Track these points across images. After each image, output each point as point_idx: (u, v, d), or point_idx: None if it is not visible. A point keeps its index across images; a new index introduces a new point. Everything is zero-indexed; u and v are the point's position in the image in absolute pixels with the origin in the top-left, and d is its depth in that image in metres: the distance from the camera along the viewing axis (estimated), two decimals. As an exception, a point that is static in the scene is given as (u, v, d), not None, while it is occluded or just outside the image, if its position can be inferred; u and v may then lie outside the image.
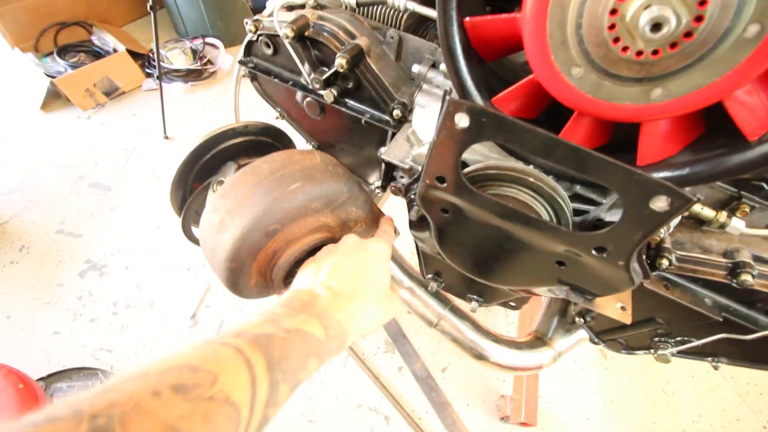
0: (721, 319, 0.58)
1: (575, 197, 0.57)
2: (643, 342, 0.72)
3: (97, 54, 2.58)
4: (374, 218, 0.65)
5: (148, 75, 2.64)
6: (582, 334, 0.83)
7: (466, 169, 0.51)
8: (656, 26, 0.33)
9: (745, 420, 1.68)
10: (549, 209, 0.53)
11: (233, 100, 0.85)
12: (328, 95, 0.70)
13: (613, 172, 0.38)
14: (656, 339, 0.71)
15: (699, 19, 0.34)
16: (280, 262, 0.53)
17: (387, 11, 0.72)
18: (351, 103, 0.72)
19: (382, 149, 0.80)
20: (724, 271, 0.55)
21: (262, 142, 0.72)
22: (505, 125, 0.39)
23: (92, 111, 2.48)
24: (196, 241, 0.70)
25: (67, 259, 1.89)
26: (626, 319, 0.55)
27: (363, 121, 0.73)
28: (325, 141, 0.86)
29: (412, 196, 0.62)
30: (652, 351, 0.72)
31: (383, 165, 0.83)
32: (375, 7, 0.70)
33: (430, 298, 0.80)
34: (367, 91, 0.70)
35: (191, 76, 2.64)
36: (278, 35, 0.70)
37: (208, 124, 2.49)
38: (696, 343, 0.65)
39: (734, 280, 0.53)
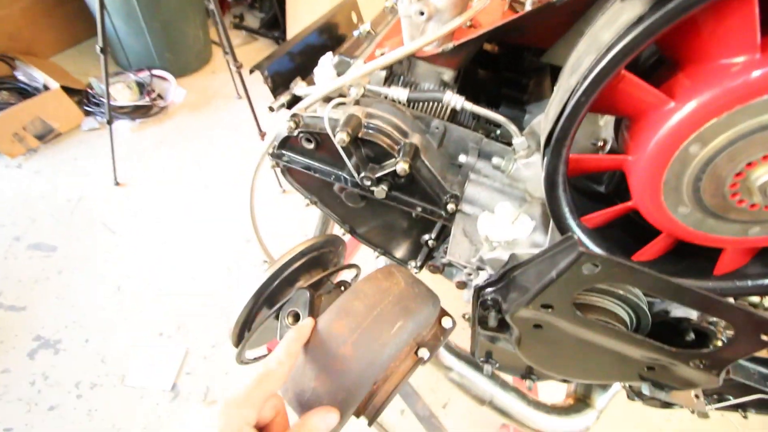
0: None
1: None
2: (681, 400, 0.78)
3: (23, 91, 2.27)
4: (439, 318, 0.63)
5: (88, 113, 2.38)
6: (617, 387, 0.88)
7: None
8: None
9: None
10: (632, 315, 0.55)
11: (250, 189, 0.79)
12: (380, 192, 0.67)
13: (737, 314, 0.41)
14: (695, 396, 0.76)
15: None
16: (376, 401, 0.50)
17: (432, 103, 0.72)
18: (402, 197, 0.70)
19: (426, 236, 0.80)
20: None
21: (322, 254, 0.68)
22: (637, 274, 0.41)
23: (23, 158, 2.17)
24: (247, 363, 0.63)
25: (10, 339, 1.63)
26: (701, 406, 0.59)
27: (414, 215, 0.72)
28: (359, 225, 0.83)
29: (487, 299, 0.61)
30: (688, 407, 0.78)
31: (425, 249, 0.82)
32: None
33: (481, 377, 0.80)
34: (419, 185, 0.68)
35: (138, 112, 2.42)
36: (321, 132, 0.66)
37: (164, 167, 2.30)
38: (734, 401, 0.71)
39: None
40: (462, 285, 0.83)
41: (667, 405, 0.81)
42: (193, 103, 2.64)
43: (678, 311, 0.59)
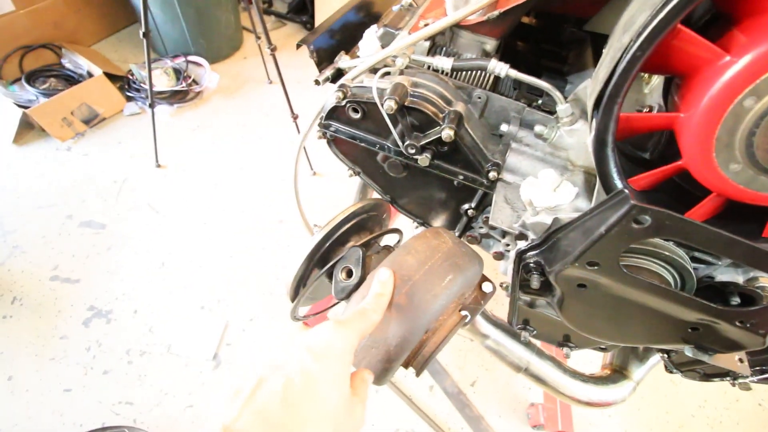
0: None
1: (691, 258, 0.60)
2: (721, 371, 0.78)
3: (69, 78, 2.40)
4: (479, 283, 0.65)
5: (129, 99, 2.49)
6: (655, 360, 0.88)
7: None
8: None
9: (744, 399, 1.84)
10: (677, 277, 0.56)
11: (295, 157, 0.82)
12: (424, 160, 0.70)
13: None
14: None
15: None
16: (425, 352, 0.53)
17: (474, 72, 0.73)
18: (444, 165, 0.72)
19: (465, 205, 0.82)
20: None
21: (370, 216, 0.71)
22: (689, 227, 0.42)
23: (72, 141, 2.30)
24: (299, 320, 0.68)
25: (67, 308, 1.76)
26: (745, 370, 0.60)
27: (455, 183, 0.74)
28: (400, 196, 0.86)
29: (530, 263, 0.63)
30: (729, 378, 0.78)
31: (464, 219, 0.84)
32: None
33: (517, 345, 0.83)
34: (461, 154, 0.70)
35: (176, 97, 2.52)
36: (368, 102, 0.69)
37: (201, 150, 2.39)
38: (778, 373, 0.71)
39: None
40: (499, 256, 0.85)
41: (706, 377, 0.81)
42: (227, 88, 2.72)
43: (724, 275, 0.60)
